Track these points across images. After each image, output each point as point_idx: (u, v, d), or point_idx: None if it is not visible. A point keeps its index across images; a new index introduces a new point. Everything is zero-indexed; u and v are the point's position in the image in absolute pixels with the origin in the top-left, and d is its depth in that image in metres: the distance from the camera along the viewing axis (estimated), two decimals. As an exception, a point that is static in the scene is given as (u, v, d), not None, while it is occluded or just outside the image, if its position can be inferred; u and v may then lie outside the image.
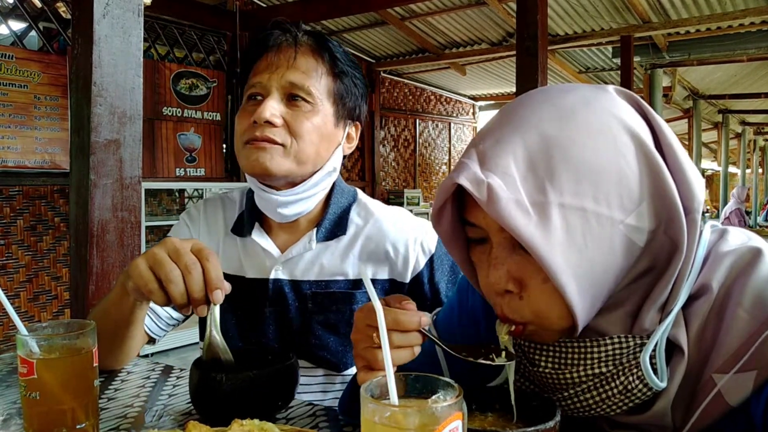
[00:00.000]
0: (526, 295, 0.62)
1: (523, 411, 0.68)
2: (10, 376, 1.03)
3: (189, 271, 0.78)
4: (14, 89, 4.18)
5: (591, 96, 0.62)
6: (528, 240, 0.56)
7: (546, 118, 0.60)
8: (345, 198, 1.14)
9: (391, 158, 8.17)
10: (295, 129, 1.02)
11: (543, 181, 0.58)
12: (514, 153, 0.59)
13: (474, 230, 0.65)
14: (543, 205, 0.57)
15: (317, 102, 1.03)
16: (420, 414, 0.50)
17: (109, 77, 1.48)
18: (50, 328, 0.78)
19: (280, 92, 1.02)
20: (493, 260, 0.62)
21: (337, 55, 1.07)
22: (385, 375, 0.55)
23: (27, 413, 0.74)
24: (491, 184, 0.57)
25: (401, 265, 1.08)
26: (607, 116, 0.60)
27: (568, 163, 0.58)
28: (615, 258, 0.59)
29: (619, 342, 0.63)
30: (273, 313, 1.07)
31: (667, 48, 6.50)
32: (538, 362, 0.67)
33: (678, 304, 0.61)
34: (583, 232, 0.57)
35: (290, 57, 1.03)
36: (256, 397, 0.80)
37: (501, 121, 0.63)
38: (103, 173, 1.48)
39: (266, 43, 1.05)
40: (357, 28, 6.77)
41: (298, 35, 1.07)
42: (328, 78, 1.05)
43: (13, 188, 4.27)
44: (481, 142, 0.62)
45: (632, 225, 0.59)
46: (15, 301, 4.33)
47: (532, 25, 3.69)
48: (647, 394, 0.62)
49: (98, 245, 1.48)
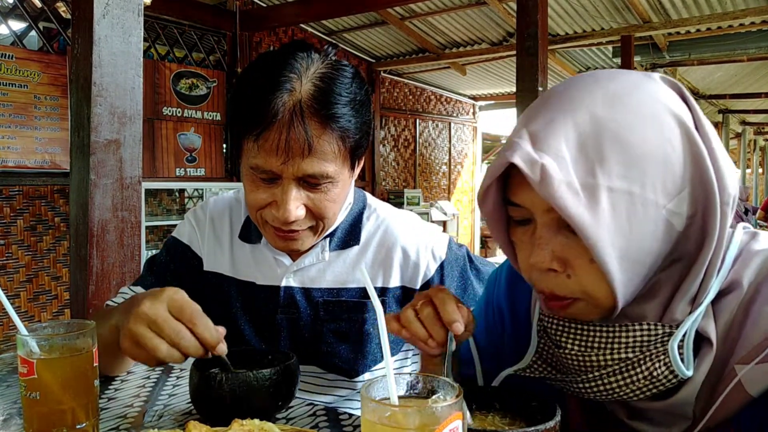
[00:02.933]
0: (573, 274, 0.63)
1: (523, 411, 0.68)
2: (11, 376, 1.03)
3: (177, 340, 0.77)
4: (14, 89, 4.18)
5: (639, 81, 0.63)
6: (578, 221, 0.57)
7: (597, 101, 0.61)
8: (356, 205, 1.12)
9: (391, 158, 8.16)
10: (319, 213, 0.96)
11: (593, 163, 0.59)
12: (566, 135, 0.60)
13: (518, 210, 0.66)
14: (593, 187, 0.58)
15: (337, 176, 0.94)
16: (420, 414, 0.50)
17: (109, 77, 1.48)
18: (50, 328, 0.78)
19: (296, 180, 0.92)
20: (538, 240, 0.63)
21: (348, 110, 0.92)
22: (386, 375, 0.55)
23: (27, 413, 0.74)
24: (545, 164, 0.58)
25: (411, 271, 1.07)
26: (655, 102, 0.61)
27: (618, 146, 0.59)
28: (656, 242, 0.60)
29: (648, 329, 0.64)
30: (285, 320, 1.06)
31: (667, 48, 6.49)
32: (564, 344, 0.68)
33: (708, 296, 0.63)
34: (628, 216, 0.59)
35: (302, 144, 0.88)
36: (256, 397, 0.80)
37: (551, 102, 0.64)
38: (103, 173, 1.49)
39: (265, 111, 0.88)
40: (357, 28, 6.77)
41: (302, 100, 0.89)
42: (342, 144, 0.92)
43: (13, 188, 4.28)
44: (532, 122, 0.63)
45: (673, 210, 0.60)
46: (15, 301, 4.33)
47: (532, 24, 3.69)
48: (672, 381, 0.63)
49: (98, 245, 1.48)
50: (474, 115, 9.95)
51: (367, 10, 5.55)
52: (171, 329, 0.77)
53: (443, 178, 9.28)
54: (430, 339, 0.74)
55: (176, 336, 0.77)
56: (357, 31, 6.87)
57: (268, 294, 1.07)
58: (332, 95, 0.90)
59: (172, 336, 0.77)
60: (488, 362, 0.86)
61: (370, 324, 1.05)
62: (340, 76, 0.93)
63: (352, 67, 0.98)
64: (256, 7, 6.01)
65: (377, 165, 7.79)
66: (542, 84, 3.71)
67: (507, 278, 0.88)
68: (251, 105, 0.90)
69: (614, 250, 0.58)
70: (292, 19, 5.60)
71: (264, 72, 0.92)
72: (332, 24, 6.72)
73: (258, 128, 0.89)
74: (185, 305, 0.79)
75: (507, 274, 0.88)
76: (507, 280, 0.88)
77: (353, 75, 0.96)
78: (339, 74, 0.93)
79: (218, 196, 1.20)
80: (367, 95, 0.98)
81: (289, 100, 0.89)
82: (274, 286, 1.07)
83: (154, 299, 0.79)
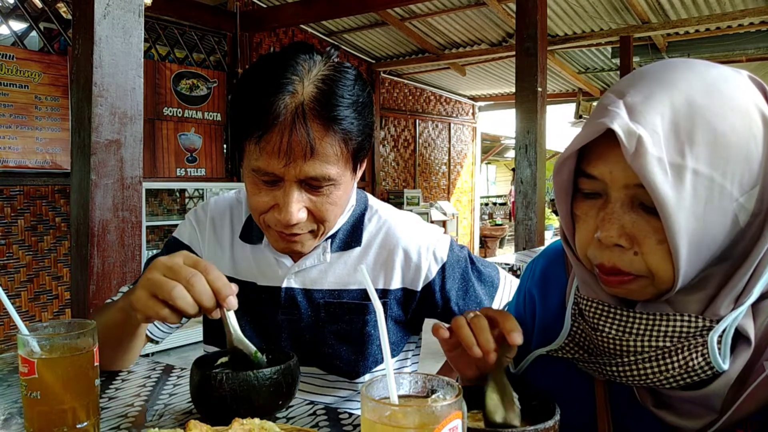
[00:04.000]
0: (640, 252, 0.63)
1: (523, 411, 0.69)
2: (11, 375, 1.04)
3: (191, 284, 0.78)
4: (15, 89, 4.19)
5: (732, 75, 0.64)
6: (662, 199, 0.58)
7: (695, 86, 0.62)
8: (358, 206, 1.11)
9: (391, 158, 8.17)
10: (321, 216, 0.96)
11: (683, 144, 0.59)
12: (662, 111, 0.60)
13: (590, 183, 0.66)
14: (680, 167, 0.59)
15: (339, 178, 0.94)
16: (420, 413, 0.50)
17: (110, 77, 1.48)
18: (51, 328, 0.78)
19: (298, 183, 0.92)
20: (609, 215, 0.64)
21: (350, 112, 0.91)
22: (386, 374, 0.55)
23: (28, 413, 0.74)
24: (642, 137, 0.59)
25: (413, 273, 1.07)
26: (745, 97, 0.63)
27: (709, 132, 0.60)
28: (722, 232, 0.61)
29: (689, 321, 0.65)
30: (286, 321, 1.06)
31: (666, 48, 6.50)
32: (602, 327, 0.69)
33: (752, 296, 0.63)
34: (706, 201, 0.59)
35: (304, 146, 0.88)
36: (256, 396, 0.81)
37: (647, 79, 0.64)
38: (104, 173, 1.49)
39: (267, 113, 0.88)
40: (357, 28, 6.78)
41: (304, 102, 0.88)
42: (344, 146, 0.92)
43: (14, 188, 4.28)
44: (627, 94, 0.63)
45: (743, 205, 0.61)
46: (16, 300, 4.33)
47: (532, 25, 3.69)
48: (708, 373, 0.64)
49: (99, 245, 1.49)
50: (473, 116, 9.95)
51: (367, 11, 5.56)
52: (187, 272, 0.79)
53: (443, 179, 9.28)
54: (476, 346, 0.73)
55: (191, 279, 0.78)
56: (357, 32, 6.87)
57: (269, 295, 1.07)
58: (335, 97, 0.89)
59: (188, 278, 0.78)
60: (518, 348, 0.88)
61: (371, 326, 1.05)
62: (343, 78, 0.92)
63: (355, 69, 0.97)
64: (256, 8, 6.02)
65: (377, 165, 7.79)
66: (541, 84, 3.72)
67: (542, 267, 0.89)
68: (253, 107, 0.90)
69: (687, 232, 0.59)
70: (293, 19, 5.60)
71: (265, 74, 0.91)
72: (332, 25, 6.73)
73: (259, 130, 0.88)
74: (200, 260, 0.82)
75: (543, 263, 0.90)
76: (541, 270, 0.89)
77: (356, 77, 0.95)
78: (342, 76, 0.92)
79: (219, 197, 1.19)
80: (370, 97, 0.97)
81: (291, 102, 0.88)
82: (275, 287, 1.07)
83: (170, 256, 0.82)
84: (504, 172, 19.08)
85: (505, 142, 14.38)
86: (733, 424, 0.63)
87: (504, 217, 12.32)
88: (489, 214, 12.25)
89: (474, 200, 9.98)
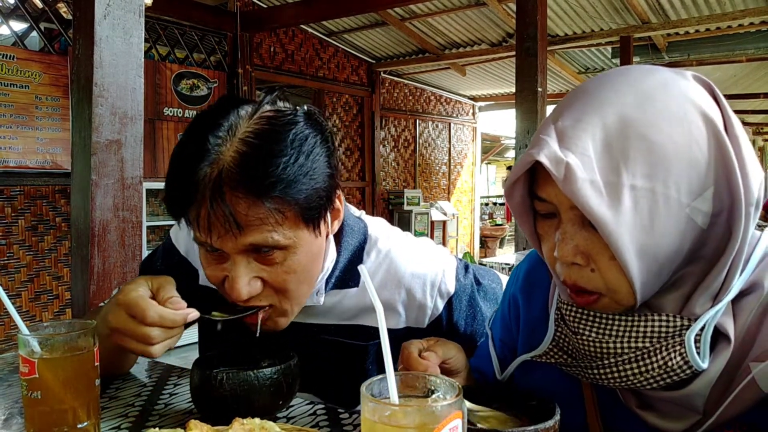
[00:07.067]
0: (597, 268, 0.64)
1: (523, 411, 0.69)
2: (12, 375, 1.04)
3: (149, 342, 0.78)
4: (15, 90, 4.18)
5: (670, 80, 0.64)
6: (599, 220, 0.59)
7: (626, 101, 0.62)
8: (355, 238, 1.01)
9: (391, 158, 8.16)
10: (279, 286, 0.84)
11: (618, 162, 0.60)
12: (593, 134, 0.61)
13: (544, 205, 0.67)
14: (616, 185, 0.59)
15: (290, 241, 0.81)
16: (420, 413, 0.51)
17: (110, 78, 1.48)
18: (51, 328, 0.78)
19: (241, 253, 0.81)
20: (562, 235, 0.65)
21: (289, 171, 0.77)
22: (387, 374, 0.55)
23: (28, 412, 0.74)
24: (570, 163, 0.60)
25: (417, 312, 1.01)
26: (684, 101, 0.62)
27: (644, 146, 0.60)
28: (678, 239, 0.61)
29: (667, 320, 0.65)
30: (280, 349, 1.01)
31: (666, 48, 6.49)
32: (582, 331, 0.69)
33: (729, 294, 0.63)
34: (651, 214, 0.60)
35: (227, 221, 0.76)
36: (257, 396, 0.81)
37: (581, 100, 0.65)
38: (105, 173, 1.49)
39: (187, 185, 0.77)
40: (357, 28, 6.77)
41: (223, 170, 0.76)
42: (286, 211, 0.79)
43: (15, 188, 4.28)
44: (560, 119, 0.64)
45: (697, 208, 0.61)
46: (16, 300, 4.33)
47: (532, 25, 3.69)
48: (687, 372, 0.64)
49: (99, 245, 1.49)
50: (474, 116, 9.94)
51: (367, 11, 5.56)
52: (141, 335, 0.78)
53: (443, 179, 9.28)
54: None
55: (149, 339, 0.78)
56: (357, 32, 6.87)
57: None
58: (262, 158, 0.76)
59: (147, 340, 0.78)
60: (503, 353, 0.89)
61: (371, 361, 1.01)
62: (279, 130, 0.79)
63: (300, 111, 0.83)
64: (256, 8, 6.02)
65: (377, 165, 7.79)
66: (541, 84, 3.72)
67: (525, 271, 0.90)
68: (174, 175, 0.80)
69: (634, 246, 0.59)
70: (293, 19, 5.60)
71: (189, 137, 0.80)
72: (332, 24, 6.72)
73: (182, 202, 0.80)
74: (134, 306, 0.78)
75: (526, 268, 0.90)
76: (525, 274, 0.89)
77: (298, 122, 0.81)
78: (277, 128, 0.79)
79: None
80: (323, 140, 0.83)
81: (212, 170, 0.76)
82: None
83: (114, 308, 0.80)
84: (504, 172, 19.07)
85: (505, 143, 14.38)
86: (720, 426, 0.63)
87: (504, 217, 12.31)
88: (489, 214, 12.24)
89: (474, 200, 9.98)
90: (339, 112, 7.28)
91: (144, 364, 1.11)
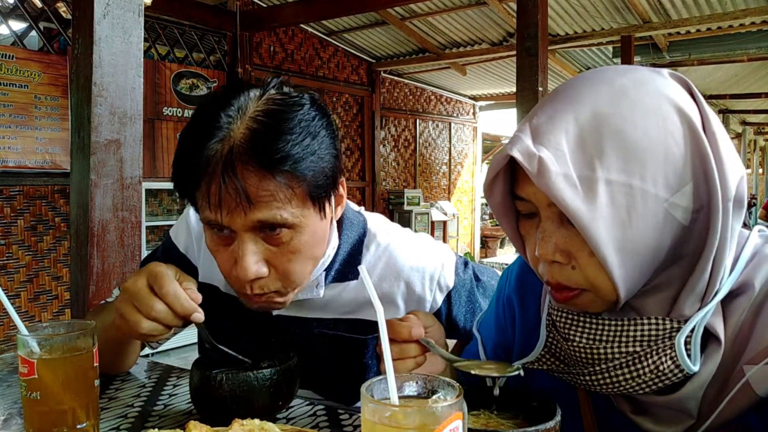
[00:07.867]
0: (577, 265, 0.64)
1: (523, 411, 0.69)
2: (11, 375, 1.03)
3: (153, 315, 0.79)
4: (15, 89, 4.18)
5: (646, 77, 0.64)
6: (573, 213, 0.59)
7: (601, 97, 0.62)
8: (355, 231, 1.03)
9: (391, 158, 8.16)
10: (284, 269, 0.86)
11: (592, 157, 0.60)
12: (566, 129, 0.61)
13: (524, 204, 0.67)
14: (590, 179, 0.59)
15: (298, 219, 0.83)
16: (420, 414, 0.50)
17: (110, 77, 1.48)
18: (51, 328, 0.78)
19: (250, 231, 0.82)
20: (542, 233, 0.65)
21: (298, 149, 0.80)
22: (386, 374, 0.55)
23: (28, 413, 0.74)
24: (542, 157, 0.60)
25: (416, 305, 1.02)
26: (659, 97, 0.62)
27: (618, 140, 0.60)
28: (658, 234, 0.61)
29: (656, 323, 0.64)
30: (279, 345, 1.02)
31: (667, 48, 6.49)
32: (572, 337, 0.69)
33: (718, 295, 0.63)
34: (627, 208, 0.59)
35: (239, 196, 0.79)
36: (256, 396, 0.80)
37: (556, 98, 0.65)
38: (104, 173, 1.49)
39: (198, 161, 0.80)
40: (357, 28, 6.77)
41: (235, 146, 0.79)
42: (295, 187, 0.81)
43: (14, 188, 4.28)
44: (535, 116, 0.64)
45: (676, 204, 0.61)
46: (15, 301, 4.33)
47: (533, 25, 3.69)
48: (678, 376, 0.63)
49: (99, 245, 1.49)
50: (474, 116, 9.94)
51: (367, 10, 5.56)
52: (145, 304, 0.79)
53: (443, 178, 9.28)
54: None
55: (150, 310, 0.78)
56: (357, 31, 6.87)
57: (262, 318, 1.02)
58: (273, 135, 0.79)
59: (147, 310, 0.79)
60: (498, 357, 0.88)
61: (369, 356, 1.01)
62: (286, 111, 0.82)
63: (306, 96, 0.86)
64: (256, 8, 6.02)
65: (377, 165, 7.79)
66: (542, 84, 3.71)
67: (517, 275, 0.89)
68: (185, 154, 0.83)
69: (612, 241, 0.59)
70: (293, 19, 5.60)
71: (199, 118, 0.84)
72: (332, 24, 6.72)
73: (193, 180, 0.82)
74: (159, 276, 0.80)
75: (518, 271, 0.89)
76: (517, 277, 0.89)
77: (305, 105, 0.84)
78: (284, 108, 0.82)
79: None
80: (328, 123, 0.86)
81: (222, 147, 0.79)
82: (265, 314, 1.02)
83: (136, 275, 0.82)
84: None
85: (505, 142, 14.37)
86: (715, 429, 0.63)
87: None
88: (489, 214, 12.24)
89: (475, 200, 9.98)
90: (339, 112, 7.28)
91: (143, 364, 1.11)
